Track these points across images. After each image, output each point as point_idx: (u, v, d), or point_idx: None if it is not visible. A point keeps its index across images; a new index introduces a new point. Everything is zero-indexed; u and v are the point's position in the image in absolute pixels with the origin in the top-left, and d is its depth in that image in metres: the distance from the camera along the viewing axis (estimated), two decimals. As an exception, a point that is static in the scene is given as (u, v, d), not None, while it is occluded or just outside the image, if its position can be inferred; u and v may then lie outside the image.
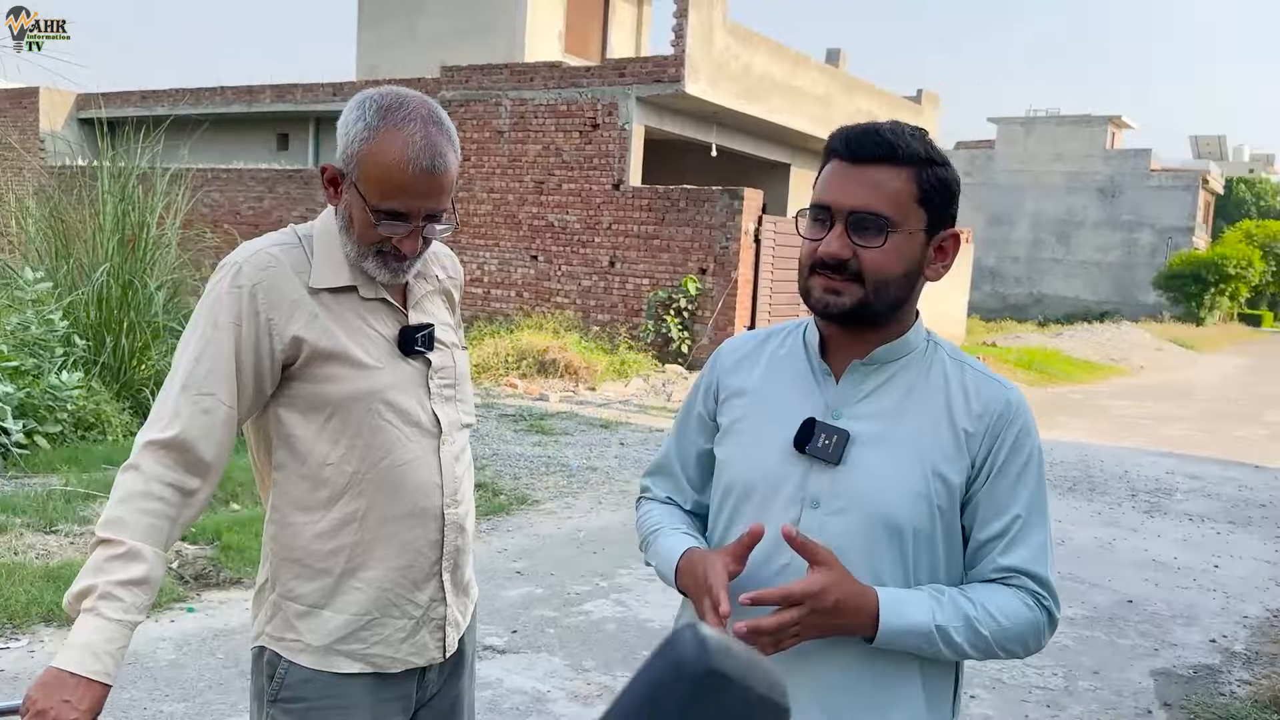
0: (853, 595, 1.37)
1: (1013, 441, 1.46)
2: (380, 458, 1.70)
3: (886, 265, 1.42)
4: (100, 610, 1.46)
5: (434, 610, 1.77)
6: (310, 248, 1.73)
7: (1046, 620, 1.46)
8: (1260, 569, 6.44)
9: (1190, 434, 12.19)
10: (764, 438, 1.52)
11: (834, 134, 1.49)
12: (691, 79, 14.08)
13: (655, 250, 14.40)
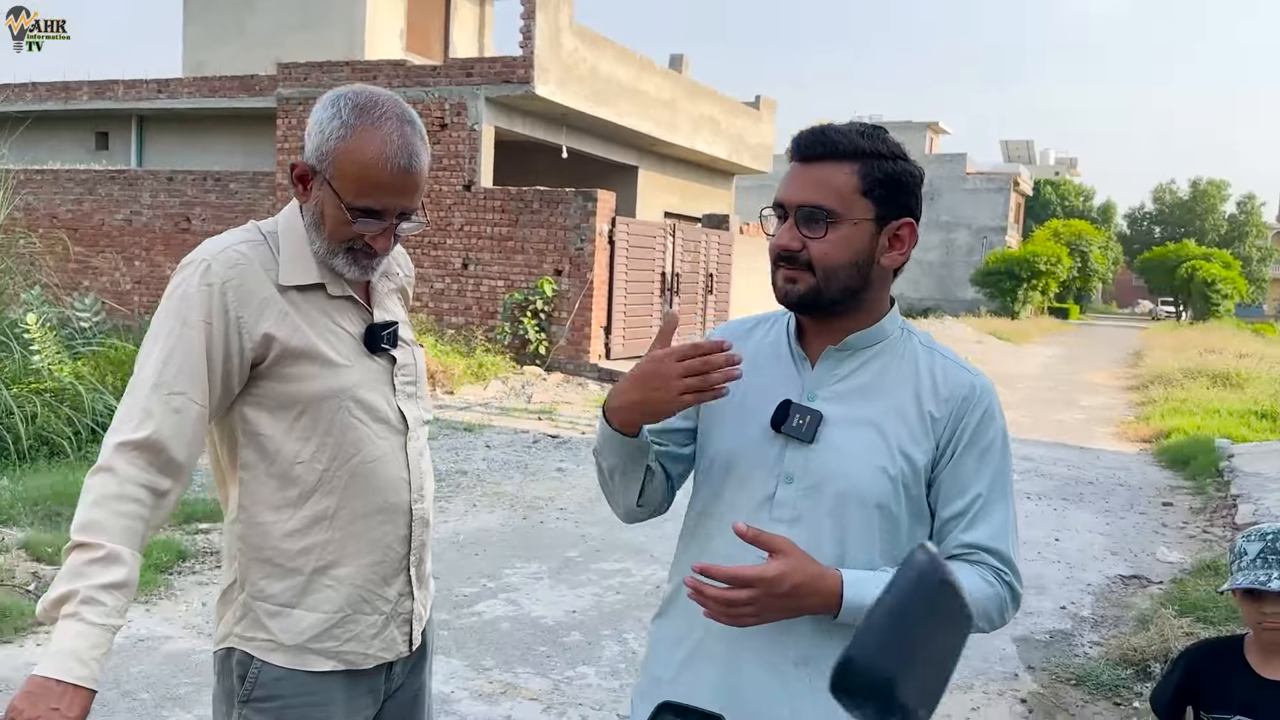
0: (812, 578, 1.44)
1: (976, 424, 1.55)
2: (351, 454, 1.70)
3: (833, 254, 1.52)
4: (83, 615, 1.43)
5: (402, 605, 1.79)
6: (276, 245, 1.71)
7: (1009, 595, 1.54)
8: (1095, 540, 6.99)
9: (1018, 419, 13.05)
10: (745, 417, 1.60)
11: (792, 138, 1.59)
12: (541, 80, 14.09)
13: (510, 252, 14.34)
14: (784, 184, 1.57)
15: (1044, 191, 60.16)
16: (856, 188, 1.51)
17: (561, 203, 14.04)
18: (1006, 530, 1.55)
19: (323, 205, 1.68)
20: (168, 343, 1.60)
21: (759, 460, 1.58)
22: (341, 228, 1.67)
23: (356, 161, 1.62)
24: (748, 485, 1.58)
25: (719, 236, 17.29)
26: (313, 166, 1.68)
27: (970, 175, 48.11)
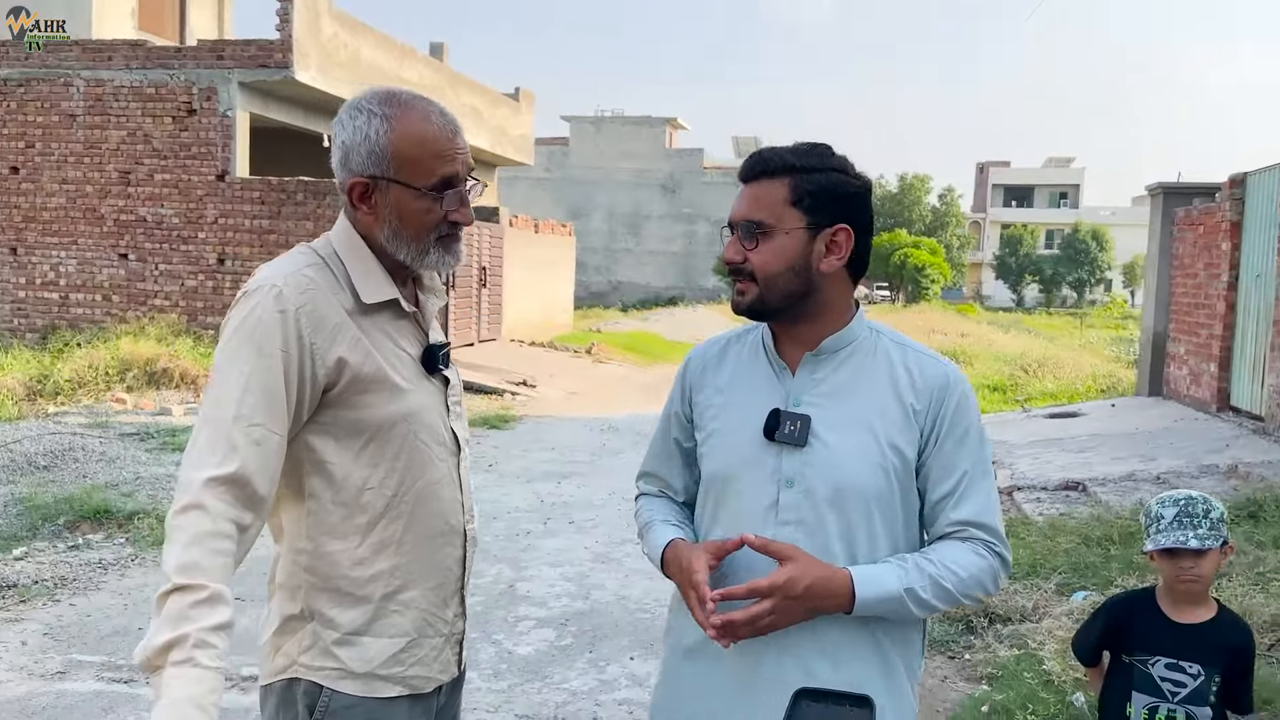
0: (822, 579, 1.55)
1: (954, 410, 1.66)
2: (417, 478, 1.69)
3: (770, 263, 1.64)
4: (197, 660, 1.38)
5: (455, 626, 1.79)
6: (339, 267, 1.67)
7: (1000, 564, 1.66)
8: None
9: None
10: (738, 431, 1.70)
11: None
12: (301, 65, 13.45)
13: (272, 246, 13.59)
14: (734, 205, 1.70)
15: (773, 184, 63.79)
16: (786, 199, 1.64)
17: (328, 194, 13.48)
18: (990, 505, 1.67)
19: (399, 207, 1.65)
20: (244, 373, 1.54)
21: (758, 469, 1.67)
22: (427, 216, 1.65)
23: (416, 142, 1.63)
24: (751, 495, 1.67)
25: (490, 229, 17.19)
26: (372, 175, 1.64)
27: (707, 169, 50.26)
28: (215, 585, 1.44)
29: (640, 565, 5.89)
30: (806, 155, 1.66)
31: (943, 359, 1.74)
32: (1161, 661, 2.34)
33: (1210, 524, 2.28)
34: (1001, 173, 74.49)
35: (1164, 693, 2.34)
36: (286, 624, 1.69)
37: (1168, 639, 2.33)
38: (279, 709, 1.68)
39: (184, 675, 1.38)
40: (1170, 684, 2.34)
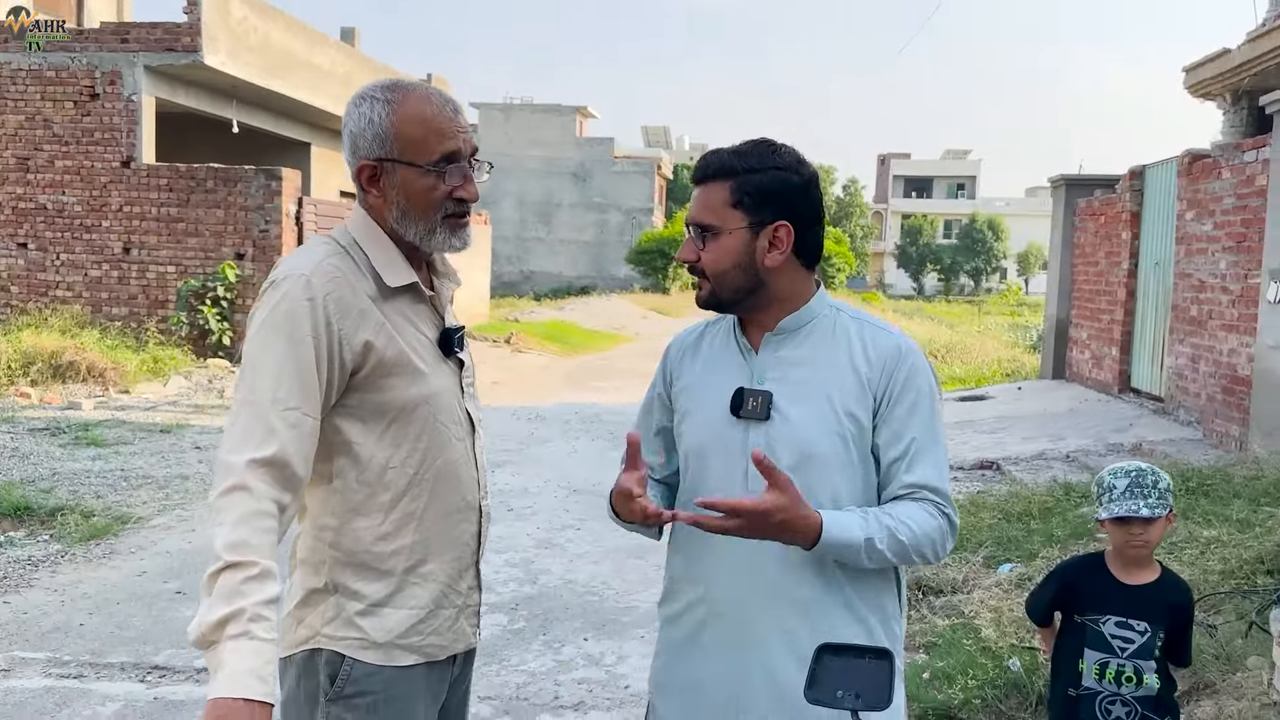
0: (799, 518, 1.63)
1: (904, 378, 1.76)
2: (435, 457, 1.75)
3: (716, 261, 1.76)
4: (253, 633, 1.44)
5: (471, 598, 1.86)
6: (360, 254, 1.73)
7: (948, 526, 1.75)
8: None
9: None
10: (708, 409, 1.81)
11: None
12: (210, 49, 13.08)
13: (181, 235, 13.24)
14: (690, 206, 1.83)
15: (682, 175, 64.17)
16: (727, 201, 1.74)
17: (240, 181, 13.17)
18: (940, 469, 1.77)
19: (405, 186, 1.72)
20: (279, 359, 1.59)
21: (728, 444, 1.78)
22: (432, 193, 1.71)
23: (417, 121, 1.70)
24: (723, 468, 1.78)
25: (403, 218, 16.98)
26: (379, 157, 1.71)
27: (618, 159, 50.32)
28: (265, 562, 1.50)
29: (583, 550, 5.98)
30: (747, 156, 1.76)
31: (896, 331, 1.84)
32: (1112, 620, 2.52)
33: (1159, 494, 2.47)
34: (902, 164, 76.31)
35: (1114, 649, 2.52)
36: (310, 597, 1.74)
37: (1117, 599, 2.51)
38: (300, 678, 1.73)
39: (241, 648, 1.44)
40: (1120, 640, 2.52)
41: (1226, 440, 8.27)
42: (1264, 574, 4.87)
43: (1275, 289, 7.42)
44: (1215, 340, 8.72)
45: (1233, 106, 11.42)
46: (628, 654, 4.43)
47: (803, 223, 1.78)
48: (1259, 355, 7.73)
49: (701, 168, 1.79)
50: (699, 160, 1.82)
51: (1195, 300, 9.17)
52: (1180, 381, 9.49)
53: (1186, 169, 9.35)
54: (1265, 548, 5.10)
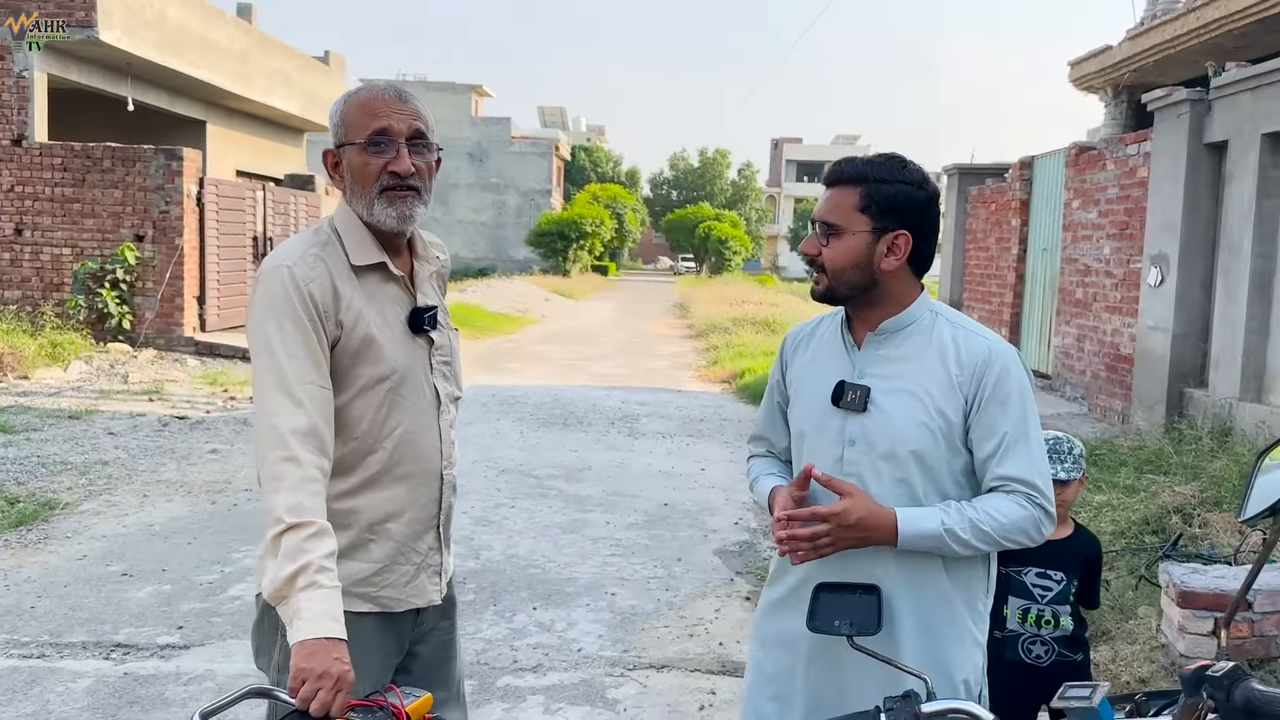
0: (873, 514, 1.83)
1: (995, 380, 1.89)
2: (395, 427, 1.91)
3: (836, 259, 1.93)
4: (320, 582, 1.64)
5: (431, 558, 2.01)
6: (337, 238, 1.91)
7: (1041, 514, 1.89)
8: (730, 468, 8.15)
9: (618, 370, 14.35)
10: (813, 398, 2.01)
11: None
12: (106, 25, 12.65)
13: (77, 216, 12.81)
14: (817, 204, 2.02)
15: (579, 157, 64.21)
16: (855, 205, 1.91)
17: (139, 161, 12.80)
18: (1032, 463, 1.90)
19: (349, 166, 1.90)
20: (284, 343, 1.78)
21: (827, 430, 1.98)
22: (366, 167, 1.87)
23: (357, 105, 1.89)
24: (821, 451, 1.98)
25: (306, 198, 16.71)
26: (337, 145, 1.92)
27: (515, 139, 49.98)
28: (320, 521, 1.70)
29: (520, 527, 6.17)
30: (880, 167, 1.92)
31: (990, 335, 1.98)
32: (1033, 571, 2.84)
33: (1074, 459, 2.81)
34: (794, 149, 77.66)
35: (1035, 596, 2.85)
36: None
37: (1037, 553, 2.82)
38: (265, 613, 1.91)
39: (314, 596, 1.64)
40: (1040, 589, 2.85)
41: (1110, 414, 8.93)
42: (1150, 534, 5.37)
43: (1155, 274, 8.04)
44: (1099, 321, 9.37)
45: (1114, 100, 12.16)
46: (576, 620, 4.66)
47: (921, 234, 1.94)
48: (1140, 335, 8.37)
49: (835, 172, 1.95)
50: (833, 164, 1.99)
51: (1081, 284, 9.81)
52: (1066, 360, 10.15)
53: (1074, 160, 9.98)
54: (1150, 510, 5.62)
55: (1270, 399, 7.02)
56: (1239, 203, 7.28)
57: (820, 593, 1.86)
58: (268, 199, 15.12)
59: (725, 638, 4.52)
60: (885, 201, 1.92)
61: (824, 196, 1.98)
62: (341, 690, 1.58)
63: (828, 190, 1.98)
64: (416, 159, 1.89)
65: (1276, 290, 7.03)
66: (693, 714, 3.77)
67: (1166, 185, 7.96)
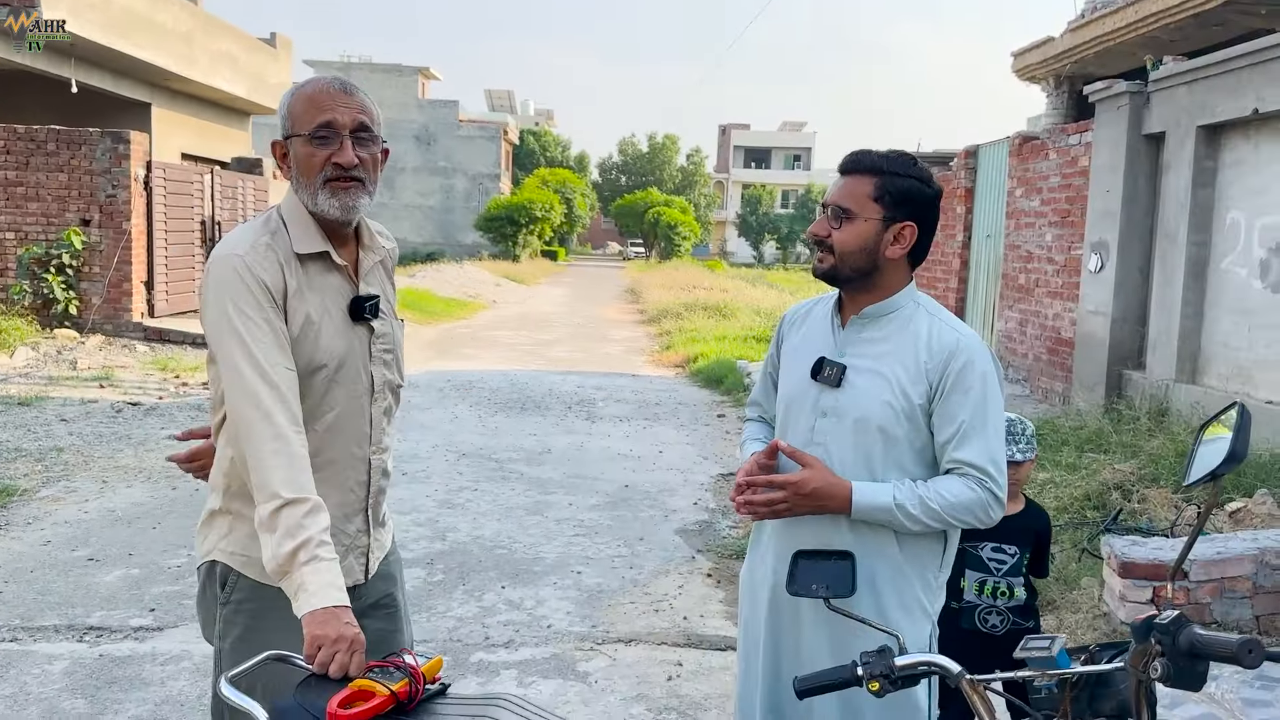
0: (829, 485, 2.01)
1: (959, 370, 2.03)
2: (327, 411, 1.98)
3: (847, 242, 2.07)
4: (320, 556, 1.75)
5: (359, 540, 2.08)
6: (283, 227, 1.97)
7: (990, 498, 2.02)
8: (688, 450, 8.32)
9: (573, 355, 14.44)
10: (796, 371, 2.18)
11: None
12: (50, 6, 12.39)
13: (20, 199, 12.56)
14: (829, 189, 2.15)
15: (527, 141, 63.90)
16: (870, 194, 2.06)
17: (85, 144, 12.59)
18: (987, 449, 2.03)
19: (295, 158, 1.96)
20: (244, 333, 1.84)
21: (804, 401, 2.15)
22: (311, 159, 1.93)
23: (302, 99, 1.95)
24: (799, 419, 2.16)
25: (254, 182, 16.51)
26: (284, 137, 1.98)
27: (463, 122, 49.61)
28: (314, 497, 1.79)
29: (484, 509, 6.26)
30: (894, 162, 2.07)
31: (963, 329, 2.11)
32: (988, 546, 3.02)
33: (1026, 440, 2.99)
34: (742, 135, 78.03)
35: (990, 569, 3.02)
36: (211, 517, 2.01)
37: (992, 528, 3.01)
38: (205, 583, 2.01)
39: (317, 569, 1.74)
40: (995, 562, 3.02)
41: (1051, 395, 9.23)
42: (1091, 509, 5.63)
43: (1095, 260, 8.33)
44: (1041, 306, 9.67)
45: (1056, 90, 12.48)
46: (545, 598, 4.78)
47: (925, 227, 2.09)
48: (1080, 319, 8.67)
49: (852, 161, 2.09)
50: (850, 154, 2.12)
51: (1023, 270, 10.10)
52: (1009, 343, 10.45)
53: (1017, 149, 10.26)
54: (1091, 487, 5.87)
55: (1204, 380, 7.33)
56: (1175, 192, 7.58)
57: (799, 559, 2.00)
58: (216, 183, 14.93)
59: (689, 612, 4.66)
60: (898, 193, 2.07)
61: (838, 183, 2.12)
62: (356, 652, 1.67)
63: (843, 178, 2.12)
64: (361, 150, 1.94)
65: (1210, 276, 7.34)
66: (661, 684, 3.92)
67: (1106, 174, 8.24)
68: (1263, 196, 6.82)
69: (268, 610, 1.92)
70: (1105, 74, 10.41)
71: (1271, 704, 3.64)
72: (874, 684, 1.69)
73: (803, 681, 1.77)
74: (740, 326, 16.91)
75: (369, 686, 1.59)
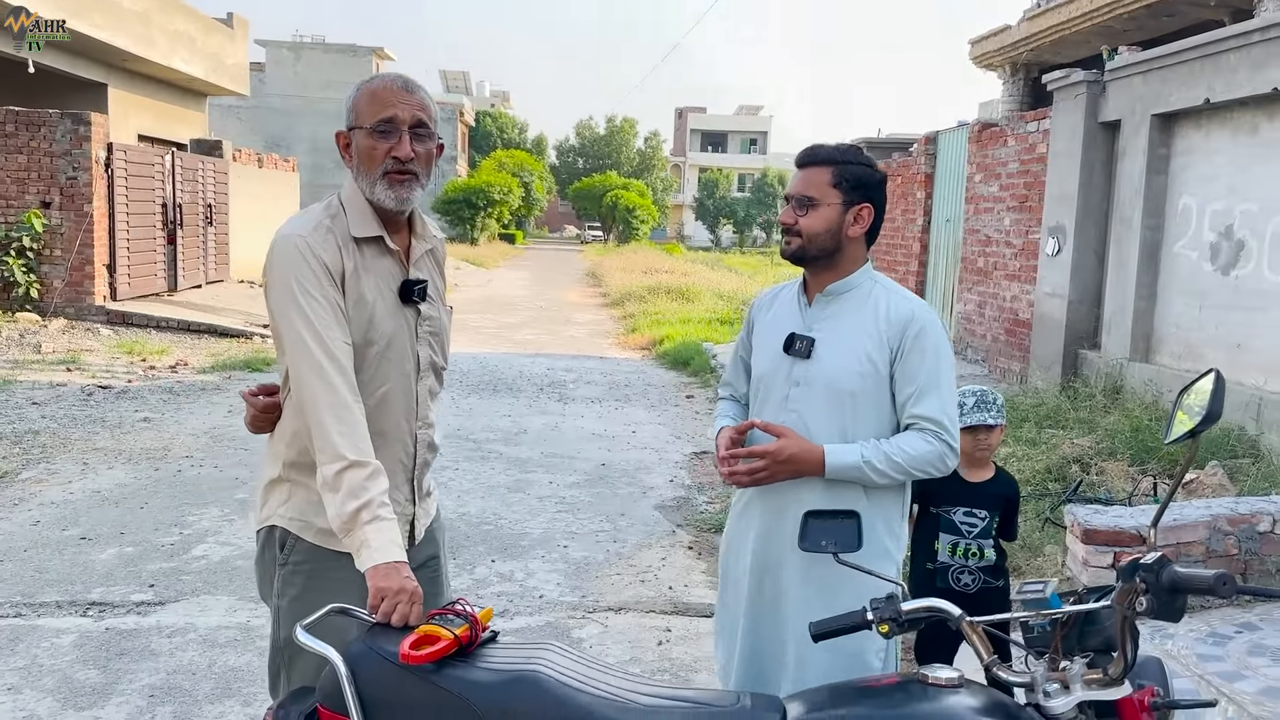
0: (804, 450, 2.25)
1: (914, 335, 2.28)
2: (379, 385, 2.13)
3: (813, 226, 2.33)
4: (381, 515, 1.91)
5: (406, 508, 2.21)
6: (343, 213, 2.12)
7: (946, 449, 2.26)
8: (660, 430, 8.50)
9: (539, 337, 14.55)
10: (769, 347, 2.43)
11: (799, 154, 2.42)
12: (5, -17, 12.18)
13: (-22, 181, 12.37)
14: (790, 182, 2.41)
15: (484, 123, 63.45)
16: (828, 182, 2.33)
17: (44, 125, 12.44)
18: (941, 406, 2.28)
19: (358, 149, 2.11)
20: (307, 308, 1.99)
21: (778, 374, 2.39)
22: (372, 151, 2.08)
23: (366, 94, 2.11)
24: (774, 390, 2.40)
25: (214, 164, 16.37)
26: (349, 129, 2.14)
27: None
28: (375, 463, 1.95)
29: (467, 487, 6.39)
30: (845, 152, 2.35)
31: (915, 300, 2.37)
32: (960, 510, 3.21)
33: (997, 408, 3.19)
34: (699, 118, 78.12)
35: (962, 532, 3.22)
36: (271, 484, 2.15)
37: (964, 494, 3.20)
38: (264, 546, 2.16)
39: (379, 528, 1.89)
40: (966, 525, 3.22)
41: (1010, 375, 9.53)
42: (1053, 481, 5.89)
43: (1053, 243, 8.61)
44: (999, 289, 9.96)
45: (1012, 78, 12.78)
46: (534, 571, 4.93)
47: (879, 208, 2.35)
48: (1038, 301, 8.96)
49: (808, 155, 2.36)
50: (805, 149, 2.38)
51: (982, 253, 10.39)
52: (969, 325, 10.74)
53: (976, 136, 10.52)
54: (1052, 460, 6.14)
55: (1157, 359, 7.65)
56: (1130, 178, 7.87)
57: (809, 519, 2.18)
58: (177, 165, 14.79)
59: (674, 582, 4.85)
60: (854, 179, 2.34)
61: (799, 175, 2.38)
62: (416, 603, 1.83)
63: (801, 170, 2.38)
64: (417, 145, 2.10)
65: (1163, 259, 7.65)
66: (652, 648, 4.10)
67: (1064, 161, 8.52)
68: (1213, 183, 7.12)
69: (323, 571, 2.07)
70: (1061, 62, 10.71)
71: (1223, 658, 3.90)
72: (884, 626, 1.87)
73: (818, 626, 1.95)
74: (703, 309, 17.11)
75: (435, 631, 1.74)
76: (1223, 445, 6.02)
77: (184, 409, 8.43)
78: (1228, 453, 5.93)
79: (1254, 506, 4.58)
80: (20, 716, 3.30)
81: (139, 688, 3.54)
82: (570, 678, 1.75)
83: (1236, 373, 6.61)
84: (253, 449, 7.09)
